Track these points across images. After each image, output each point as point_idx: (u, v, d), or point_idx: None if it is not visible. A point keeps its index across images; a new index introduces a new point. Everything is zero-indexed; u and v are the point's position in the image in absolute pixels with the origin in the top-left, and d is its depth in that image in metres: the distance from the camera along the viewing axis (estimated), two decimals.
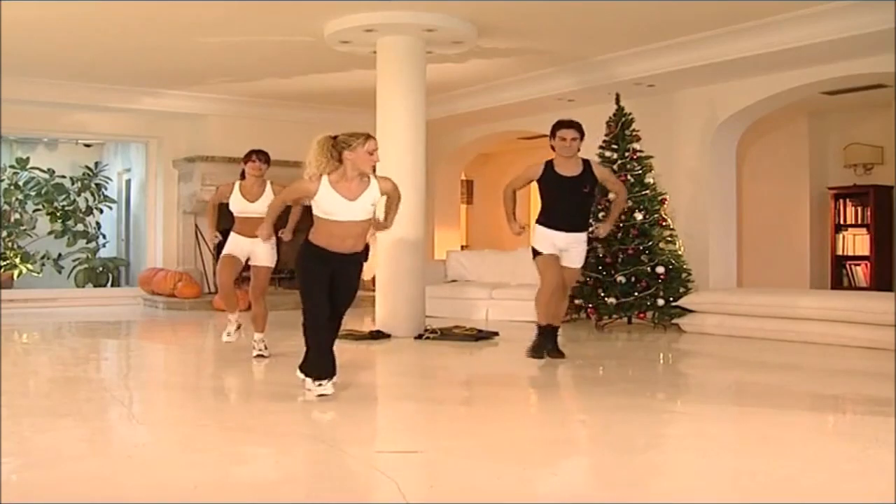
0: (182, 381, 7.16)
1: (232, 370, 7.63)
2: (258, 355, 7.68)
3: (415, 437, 5.22)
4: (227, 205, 7.90)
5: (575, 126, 7.45)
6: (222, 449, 4.59)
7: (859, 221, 12.58)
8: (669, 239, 10.16)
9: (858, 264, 12.58)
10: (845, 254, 12.73)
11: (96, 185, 15.24)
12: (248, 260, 7.83)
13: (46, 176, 15.01)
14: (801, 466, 4.24)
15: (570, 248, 7.51)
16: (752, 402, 6.06)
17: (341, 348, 6.58)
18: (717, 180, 11.28)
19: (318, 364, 5.82)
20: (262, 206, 7.46)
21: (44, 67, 11.42)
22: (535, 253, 7.58)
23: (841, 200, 12.80)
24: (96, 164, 15.46)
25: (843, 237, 12.73)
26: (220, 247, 8.04)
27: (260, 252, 7.69)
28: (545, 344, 7.66)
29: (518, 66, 11.37)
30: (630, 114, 10.39)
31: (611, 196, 9.30)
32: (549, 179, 7.46)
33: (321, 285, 5.82)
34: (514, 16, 9.11)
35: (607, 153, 10.33)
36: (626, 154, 10.20)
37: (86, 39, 10.07)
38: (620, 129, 10.31)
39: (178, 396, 6.62)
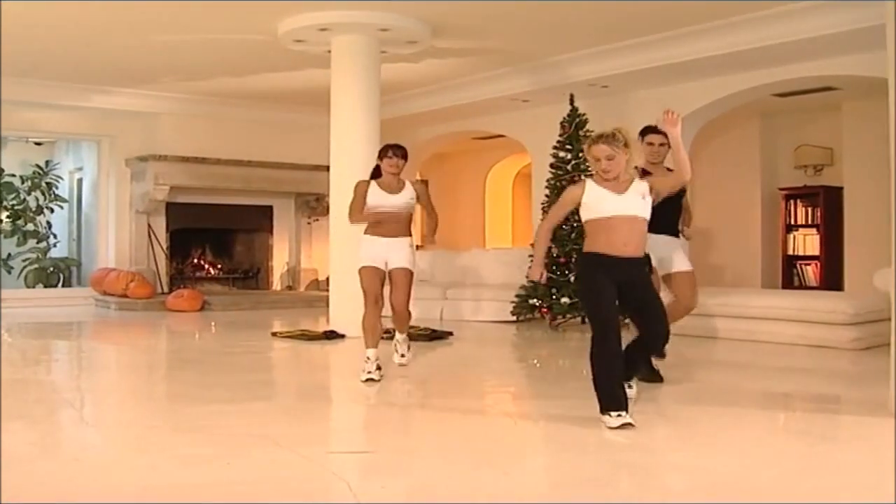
0: (134, 383, 7.10)
1: (184, 371, 7.57)
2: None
3: (367, 438, 5.22)
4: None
5: (662, 133, 6.76)
6: (173, 451, 4.56)
7: (810, 222, 12.75)
8: None
9: (809, 264, 12.74)
10: (796, 253, 12.89)
11: (47, 183, 15.04)
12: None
13: None
14: (751, 464, 4.28)
15: (670, 252, 7.00)
16: (704, 400, 6.10)
17: (295, 349, 6.57)
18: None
19: None
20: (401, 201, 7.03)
21: None
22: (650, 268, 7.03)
23: (792, 201, 12.95)
24: (47, 162, 15.25)
25: (794, 237, 12.89)
26: None
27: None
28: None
29: (473, 66, 11.39)
30: (584, 114, 10.44)
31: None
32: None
33: None
34: (468, 16, 9.12)
35: (561, 153, 10.38)
36: (580, 154, 10.24)
37: (37, 36, 9.94)
38: (574, 130, 10.36)
39: (129, 398, 6.55)
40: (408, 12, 9.11)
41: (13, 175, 14.92)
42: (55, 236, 15.20)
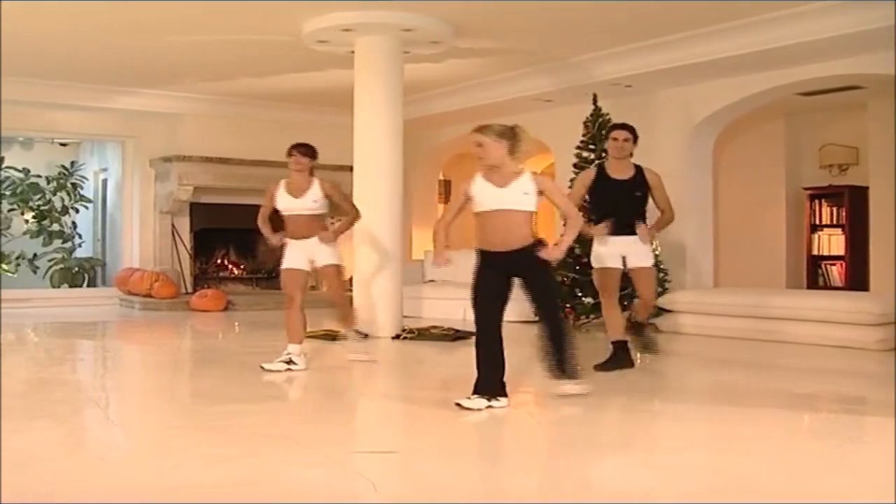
0: (158, 382, 7.13)
1: (208, 371, 7.61)
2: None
3: (390, 438, 5.22)
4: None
5: (628, 128, 7.25)
6: (197, 450, 4.57)
7: (835, 222, 12.65)
8: None
9: (834, 264, 12.65)
10: (821, 254, 12.79)
11: (72, 184, 15.13)
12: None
13: (22, 175, 14.88)
14: (774, 465, 4.27)
15: (631, 250, 7.18)
16: (727, 401, 6.08)
17: (318, 348, 6.59)
18: (693, 181, 11.32)
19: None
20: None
21: (19, 66, 11.32)
22: (593, 266, 7.32)
23: (816, 201, 12.86)
24: (72, 163, 15.34)
25: (819, 237, 12.80)
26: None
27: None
28: (619, 358, 7.35)
29: (495, 66, 11.38)
30: (607, 114, 10.42)
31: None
32: (601, 183, 7.21)
33: None
34: (491, 16, 9.12)
35: (585, 153, 10.36)
36: (604, 154, 10.21)
37: (62, 38, 10.01)
38: (598, 130, 10.34)
39: (153, 398, 6.59)
40: (431, 13, 9.11)
41: (39, 176, 15.02)
42: (80, 236, 15.28)
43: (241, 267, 15.43)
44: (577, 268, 10.05)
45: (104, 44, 10.26)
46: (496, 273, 5.66)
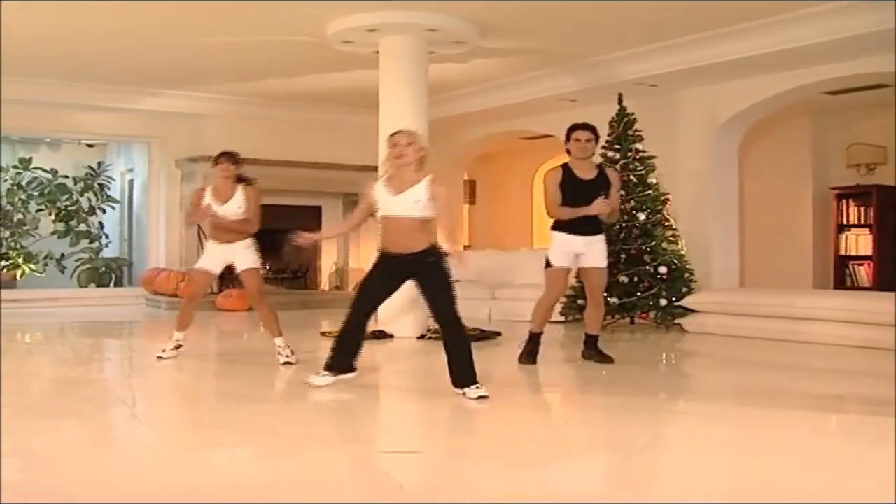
0: (184, 382, 7.15)
1: (233, 370, 7.63)
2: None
3: (418, 437, 5.23)
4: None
5: (589, 128, 7.36)
6: (223, 450, 4.59)
7: (862, 221, 12.57)
8: (672, 239, 10.15)
9: (861, 264, 12.56)
10: (848, 254, 12.71)
11: (99, 185, 15.24)
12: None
13: (49, 176, 15.01)
14: (802, 467, 4.24)
15: (589, 248, 7.31)
16: (754, 402, 6.05)
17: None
18: (719, 180, 11.28)
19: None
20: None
21: (47, 68, 11.43)
22: (548, 264, 7.46)
23: (844, 200, 12.78)
24: (99, 164, 15.46)
25: (846, 237, 12.71)
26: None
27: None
28: (536, 350, 7.55)
29: (520, 65, 11.37)
30: (633, 114, 10.38)
31: None
32: (568, 183, 7.32)
33: None
34: (515, 16, 9.11)
35: (610, 153, 10.32)
36: (629, 154, 10.20)
37: (89, 39, 10.08)
38: (623, 130, 10.31)
39: (179, 397, 6.63)
40: (455, 13, 9.11)
41: (66, 176, 15.14)
42: (107, 236, 15.39)
43: (267, 267, 15.46)
44: None
45: (131, 46, 10.33)
46: (388, 274, 6.04)
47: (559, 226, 7.31)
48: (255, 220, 7.64)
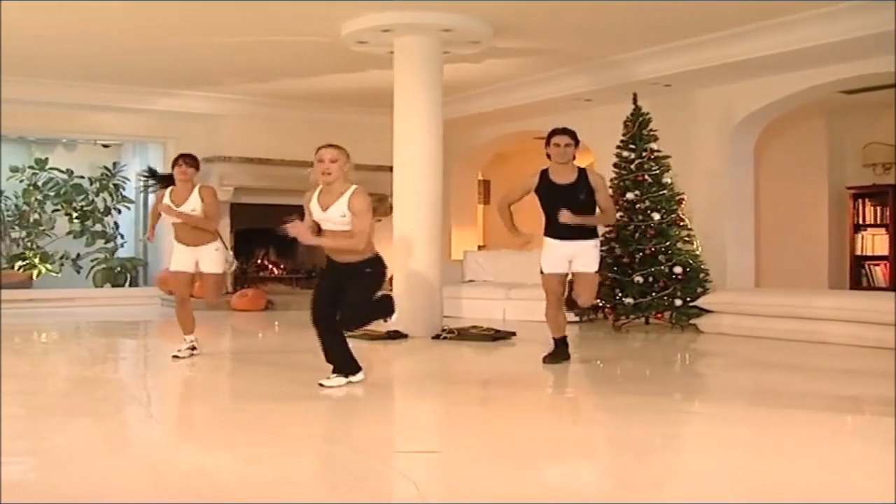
0: (199, 381, 7.17)
1: (248, 370, 7.65)
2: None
3: (433, 437, 5.23)
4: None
5: (568, 133, 7.37)
6: (240, 449, 4.60)
7: (878, 221, 12.52)
8: (687, 239, 10.12)
9: (877, 264, 12.52)
10: (864, 254, 12.67)
11: (114, 185, 15.27)
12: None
13: (65, 176, 15.05)
14: (816, 467, 4.23)
15: (578, 254, 7.30)
16: (768, 402, 6.03)
17: (358, 348, 6.62)
18: (734, 180, 11.25)
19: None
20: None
21: (62, 69, 11.48)
22: (541, 271, 7.47)
23: (860, 200, 12.74)
24: (114, 164, 15.48)
25: (862, 237, 12.67)
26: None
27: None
28: (559, 352, 7.55)
29: (534, 65, 11.36)
30: (647, 113, 10.35)
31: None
32: (545, 188, 7.35)
33: None
34: (530, 16, 9.10)
35: (625, 153, 10.29)
36: (644, 154, 10.17)
37: (104, 40, 10.12)
38: (638, 129, 10.27)
39: (194, 396, 6.65)
40: (470, 13, 9.11)
41: (82, 177, 15.18)
42: (122, 237, 15.42)
43: (281, 267, 15.52)
44: (616, 268, 10.00)
45: (146, 46, 10.36)
46: (329, 280, 6.23)
47: (547, 232, 7.35)
48: (214, 219, 7.75)
